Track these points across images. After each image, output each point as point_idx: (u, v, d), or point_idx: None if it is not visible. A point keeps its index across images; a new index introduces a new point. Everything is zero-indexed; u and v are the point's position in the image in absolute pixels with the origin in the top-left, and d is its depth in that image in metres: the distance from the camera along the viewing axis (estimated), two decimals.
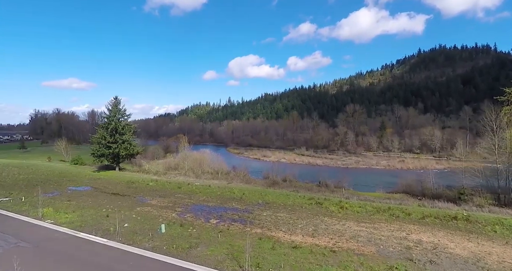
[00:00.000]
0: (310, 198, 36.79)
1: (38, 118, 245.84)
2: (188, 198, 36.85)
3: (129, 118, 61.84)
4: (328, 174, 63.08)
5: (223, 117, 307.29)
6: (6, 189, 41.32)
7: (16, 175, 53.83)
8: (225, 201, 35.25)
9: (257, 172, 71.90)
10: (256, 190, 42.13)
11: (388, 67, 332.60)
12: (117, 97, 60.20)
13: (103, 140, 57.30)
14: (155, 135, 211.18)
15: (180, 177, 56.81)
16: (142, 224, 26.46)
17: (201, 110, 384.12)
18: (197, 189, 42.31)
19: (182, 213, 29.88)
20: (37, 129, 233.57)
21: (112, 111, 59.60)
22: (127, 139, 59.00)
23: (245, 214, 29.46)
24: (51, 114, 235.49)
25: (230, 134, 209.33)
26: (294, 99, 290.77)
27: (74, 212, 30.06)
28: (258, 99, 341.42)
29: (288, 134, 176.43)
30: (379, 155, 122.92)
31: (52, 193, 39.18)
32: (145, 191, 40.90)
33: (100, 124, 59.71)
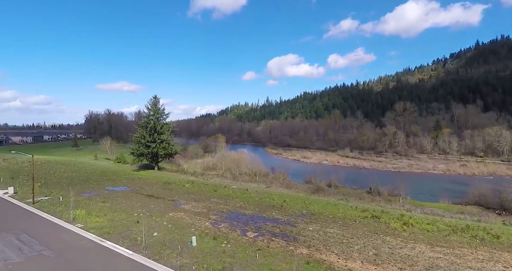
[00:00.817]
0: (364, 209, 31.34)
1: (92, 118, 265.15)
2: (224, 203, 33.62)
3: (168, 118, 61.02)
4: (379, 179, 55.98)
5: (261, 116, 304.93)
6: (49, 187, 41.94)
7: (62, 173, 55.60)
8: (264, 209, 31.33)
9: (298, 175, 67.09)
10: (299, 197, 37.62)
11: (440, 61, 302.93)
12: (156, 96, 59.72)
13: (143, 139, 56.96)
14: (196, 134, 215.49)
15: (217, 178, 54.29)
16: (172, 234, 23.60)
17: (240, 110, 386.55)
18: (233, 193, 39.03)
19: (217, 222, 26.58)
20: (91, 128, 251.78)
21: (151, 110, 59.14)
22: (166, 139, 58.07)
23: (288, 227, 25.23)
24: (103, 114, 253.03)
25: (268, 134, 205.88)
26: (335, 97, 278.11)
27: (105, 216, 28.38)
28: (297, 98, 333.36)
29: (330, 134, 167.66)
30: (435, 158, 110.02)
31: (89, 193, 38.66)
32: (180, 194, 38.67)
33: (140, 123, 59.66)
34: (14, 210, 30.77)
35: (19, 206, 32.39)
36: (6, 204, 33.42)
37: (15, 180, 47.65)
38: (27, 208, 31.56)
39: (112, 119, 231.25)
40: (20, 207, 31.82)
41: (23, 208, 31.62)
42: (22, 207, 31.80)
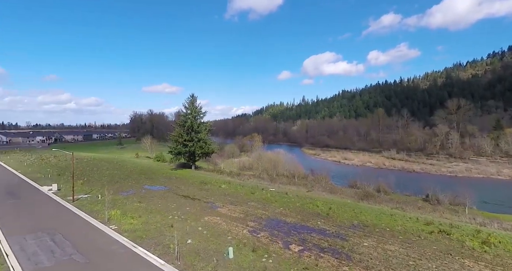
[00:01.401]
0: (428, 222, 26.58)
1: (136, 118, 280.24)
2: (262, 208, 30.87)
3: (205, 116, 60.02)
4: (435, 185, 49.37)
5: (296, 116, 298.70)
6: (90, 185, 42.58)
7: (104, 170, 57.07)
8: (308, 217, 27.98)
9: (340, 178, 62.33)
10: (346, 204, 33.61)
11: (496, 55, 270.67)
12: (193, 95, 59.06)
13: (180, 138, 56.57)
14: (232, 134, 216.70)
15: (254, 179, 51.84)
16: (207, 242, 21.35)
17: (275, 109, 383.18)
18: (272, 196, 36.14)
19: (255, 230, 23.87)
20: (135, 128, 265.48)
21: (189, 108, 58.55)
22: (203, 138, 57.09)
23: (337, 241, 21.69)
24: (146, 114, 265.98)
25: (304, 134, 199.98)
26: (376, 95, 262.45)
27: (140, 217, 27.14)
28: (335, 96, 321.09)
29: (372, 134, 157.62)
30: (497, 161, 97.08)
31: (127, 192, 38.31)
32: (216, 195, 36.73)
33: (177, 121, 59.48)
34: (54, 208, 30.94)
35: (60, 203, 32.64)
36: (48, 201, 33.97)
37: (61, 176, 49.51)
38: (67, 205, 31.62)
39: (154, 119, 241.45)
40: (60, 205, 32.01)
41: (63, 205, 31.74)
42: (62, 205, 31.96)
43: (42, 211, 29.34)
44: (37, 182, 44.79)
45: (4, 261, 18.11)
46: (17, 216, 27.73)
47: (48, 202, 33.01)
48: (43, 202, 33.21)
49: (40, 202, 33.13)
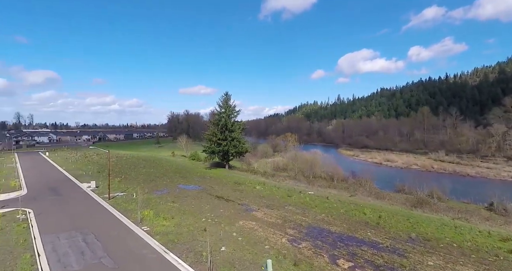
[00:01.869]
0: (504, 237, 22.07)
1: (173, 118, 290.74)
2: (301, 213, 28.16)
3: (239, 115, 58.40)
4: (498, 191, 42.85)
5: (331, 115, 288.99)
6: (127, 183, 42.82)
7: (141, 168, 57.89)
8: (355, 226, 24.76)
9: (384, 181, 57.28)
10: (397, 212, 29.69)
11: None
12: (227, 93, 57.80)
13: (214, 137, 55.61)
14: (264, 134, 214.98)
15: (289, 180, 49.12)
16: (242, 251, 19.23)
17: (308, 109, 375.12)
18: (311, 201, 33.22)
19: (296, 240, 21.30)
20: (172, 127, 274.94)
21: (223, 107, 57.40)
22: (236, 137, 55.59)
23: (395, 258, 18.37)
24: (182, 115, 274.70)
25: (340, 134, 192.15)
26: (419, 93, 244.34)
27: (173, 219, 25.85)
28: (372, 95, 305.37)
29: (416, 134, 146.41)
30: None
31: (161, 191, 37.70)
32: (251, 197, 34.68)
33: (211, 120, 58.69)
34: (90, 205, 30.92)
35: (96, 201, 32.68)
36: (86, 198, 34.27)
37: (100, 174, 50.79)
38: (103, 203, 31.49)
39: (190, 119, 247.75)
40: (96, 202, 32.00)
41: (99, 203, 31.67)
42: (98, 203, 31.92)
43: (79, 209, 29.35)
44: (78, 179, 46.19)
45: (34, 261, 17.48)
46: (55, 213, 27.90)
47: (86, 200, 33.24)
48: (81, 199, 33.52)
49: (78, 199, 33.49)
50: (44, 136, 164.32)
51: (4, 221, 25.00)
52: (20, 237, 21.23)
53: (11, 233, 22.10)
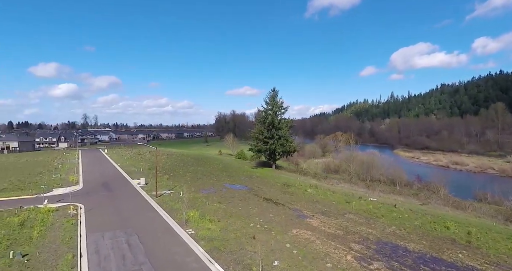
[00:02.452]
0: None
1: (220, 118, 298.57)
2: (365, 224, 23.91)
3: (286, 112, 55.02)
4: None
5: (384, 114, 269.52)
6: (175, 180, 42.29)
7: (189, 166, 57.81)
8: (438, 244, 19.84)
9: (456, 188, 49.10)
10: (490, 228, 23.73)
11: None
12: (275, 89, 54.81)
13: (261, 135, 53.10)
14: (311, 133, 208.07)
15: (344, 184, 44.37)
16: (299, 268, 15.99)
17: (358, 107, 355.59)
18: (375, 209, 28.56)
19: (364, 258, 17.38)
20: (219, 127, 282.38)
21: (270, 103, 54.60)
22: (284, 135, 52.36)
23: None
24: (229, 115, 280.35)
25: (395, 133, 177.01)
26: (488, 88, 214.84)
27: (219, 222, 23.63)
28: (431, 92, 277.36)
29: (488, 134, 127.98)
30: None
31: (207, 190, 36.12)
32: (303, 201, 31.20)
33: (258, 118, 56.34)
34: (138, 203, 30.30)
35: (144, 198, 32.10)
36: (135, 195, 34.01)
37: (151, 170, 51.47)
38: (150, 201, 30.71)
39: (236, 119, 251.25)
40: (144, 200, 31.37)
41: (147, 201, 30.96)
42: (145, 200, 31.26)
43: (127, 206, 28.81)
44: (130, 175, 47.16)
45: (75, 263, 16.33)
46: (104, 209, 27.60)
47: (134, 197, 32.90)
48: (130, 196, 33.30)
49: (127, 196, 33.32)
50: (105, 135, 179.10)
51: (56, 216, 25.14)
52: (67, 235, 20.69)
53: (59, 229, 21.79)
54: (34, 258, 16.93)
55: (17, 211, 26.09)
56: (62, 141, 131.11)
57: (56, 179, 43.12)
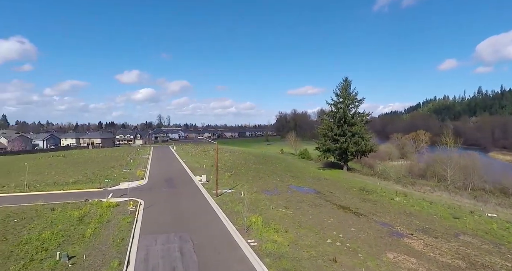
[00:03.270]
0: None
1: (281, 118, 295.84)
2: (497, 253, 16.74)
3: (361, 104, 47.68)
4: None
5: (470, 111, 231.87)
6: (236, 178, 39.39)
7: (251, 164, 54.86)
8: None
9: None
10: None
11: None
12: (347, 79, 47.99)
13: (329, 131, 46.98)
14: (381, 133, 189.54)
15: (440, 192, 35.65)
16: None
17: (437, 104, 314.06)
18: (503, 230, 20.64)
19: None
20: (280, 126, 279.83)
21: (341, 95, 47.98)
22: (358, 132, 45.30)
23: None
24: (289, 114, 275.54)
25: (488, 134, 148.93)
26: None
27: (286, 233, 19.21)
28: None
29: None
30: None
31: (271, 192, 32.05)
32: (392, 213, 24.78)
33: (326, 112, 50.20)
34: (197, 201, 27.78)
35: (204, 197, 29.56)
36: (195, 192, 31.83)
37: (213, 167, 49.85)
38: (210, 200, 27.95)
39: (297, 118, 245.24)
40: (204, 199, 28.78)
41: (206, 200, 28.29)
42: (205, 199, 28.63)
43: (185, 205, 26.46)
44: (193, 171, 46.07)
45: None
46: (163, 207, 25.66)
47: (194, 195, 30.64)
48: (190, 193, 31.19)
49: (188, 193, 31.29)
50: (175, 133, 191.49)
51: (115, 212, 23.90)
52: (120, 235, 18.70)
53: (114, 228, 20.04)
54: (80, 262, 14.89)
55: (81, 204, 25.76)
56: (138, 139, 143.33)
57: (125, 173, 44.24)
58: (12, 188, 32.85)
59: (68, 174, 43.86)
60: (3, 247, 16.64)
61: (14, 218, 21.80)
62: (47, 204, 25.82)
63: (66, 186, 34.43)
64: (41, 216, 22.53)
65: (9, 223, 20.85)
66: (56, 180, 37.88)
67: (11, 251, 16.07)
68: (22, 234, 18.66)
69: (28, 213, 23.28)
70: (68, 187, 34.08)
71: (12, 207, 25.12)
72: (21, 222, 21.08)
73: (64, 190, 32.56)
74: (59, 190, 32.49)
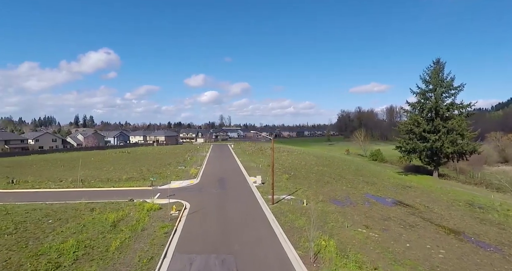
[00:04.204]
0: None
1: (343, 116, 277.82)
2: None
3: (459, 94, 37.13)
4: None
5: None
6: (295, 181, 33.48)
7: (313, 165, 48.18)
8: None
9: None
10: None
11: None
12: (439, 60, 37.74)
13: (416, 127, 37.61)
14: None
15: None
16: None
17: None
18: None
19: None
20: (342, 126, 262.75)
21: (431, 82, 38.05)
22: (456, 127, 35.09)
23: None
24: (353, 112, 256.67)
25: None
26: None
27: (366, 269, 12.75)
28: None
29: None
30: None
31: (342, 202, 25.35)
32: None
33: (411, 103, 40.48)
34: (249, 208, 22.77)
35: (258, 203, 24.44)
36: (248, 196, 26.98)
37: (270, 167, 44.84)
38: (264, 208, 22.71)
39: (363, 116, 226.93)
40: (257, 206, 23.65)
41: (260, 207, 23.08)
42: (259, 206, 23.45)
43: (235, 213, 21.65)
44: (248, 171, 41.66)
45: None
46: (208, 214, 21.26)
47: (246, 199, 25.79)
48: (242, 197, 26.44)
49: (240, 197, 26.60)
50: (234, 132, 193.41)
51: (155, 217, 20.27)
52: (150, 251, 14.61)
53: (146, 240, 16.12)
54: None
55: (123, 205, 23.00)
56: (200, 137, 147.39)
57: (179, 171, 42.02)
58: (67, 183, 32.55)
59: (124, 170, 43.50)
60: (16, 257, 13.81)
61: (49, 218, 19.69)
62: (90, 203, 23.73)
63: (118, 183, 33.01)
64: (78, 217, 20.06)
65: (42, 224, 18.65)
66: (111, 176, 37.13)
67: (20, 265, 13.07)
68: (46, 240, 15.91)
69: (67, 212, 21.14)
70: (120, 184, 32.57)
71: (56, 204, 23.57)
72: (55, 223, 18.73)
73: (115, 187, 30.98)
74: (110, 187, 31.02)
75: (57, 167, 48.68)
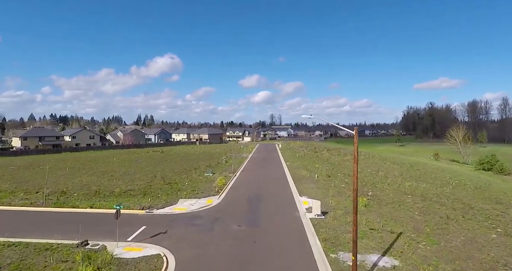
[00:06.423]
0: None
1: (410, 114, 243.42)
2: None
3: None
4: None
5: None
6: (383, 211, 18.70)
7: (398, 177, 32.22)
8: None
9: None
10: None
11: None
12: None
13: None
14: None
15: None
16: None
17: None
18: None
19: None
20: (409, 124, 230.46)
21: None
22: None
23: None
24: (423, 109, 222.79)
25: None
26: None
27: None
28: None
29: None
30: None
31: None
32: None
33: None
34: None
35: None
36: (295, 250, 13.32)
37: (333, 181, 30.44)
38: None
39: (436, 114, 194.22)
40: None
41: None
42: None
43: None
44: (297, 186, 27.83)
45: None
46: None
47: (294, 260, 12.19)
48: (285, 253, 12.91)
49: (279, 250, 13.15)
50: (284, 131, 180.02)
51: None
52: None
53: None
54: None
55: (51, 259, 11.54)
56: (246, 136, 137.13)
57: (201, 181, 30.20)
58: (39, 197, 22.61)
59: (134, 176, 33.32)
60: None
61: None
62: (32, 243, 12.91)
63: (104, 199, 22.29)
64: None
65: None
66: (105, 187, 26.79)
67: None
68: None
69: None
70: (105, 201, 21.75)
71: None
72: None
73: (93, 207, 20.16)
74: (86, 207, 20.25)
75: (68, 168, 40.89)
